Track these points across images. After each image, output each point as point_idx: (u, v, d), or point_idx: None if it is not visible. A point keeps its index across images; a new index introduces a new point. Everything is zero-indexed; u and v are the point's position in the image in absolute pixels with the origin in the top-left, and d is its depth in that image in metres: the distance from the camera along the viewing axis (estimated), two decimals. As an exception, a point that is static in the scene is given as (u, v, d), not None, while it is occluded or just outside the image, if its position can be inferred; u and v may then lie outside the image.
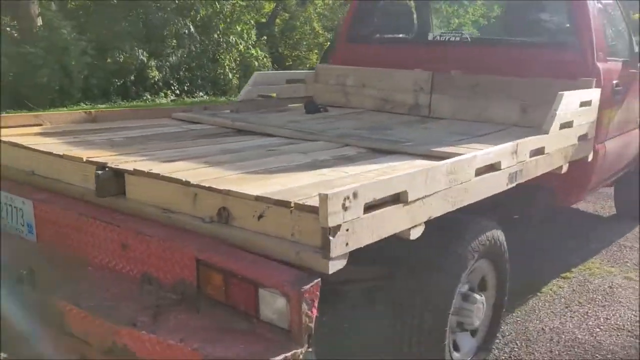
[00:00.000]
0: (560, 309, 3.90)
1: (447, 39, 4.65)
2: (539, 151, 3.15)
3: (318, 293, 1.83)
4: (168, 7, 13.79)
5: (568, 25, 4.12)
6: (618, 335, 3.59)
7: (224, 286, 1.96)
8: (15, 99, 11.40)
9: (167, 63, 14.27)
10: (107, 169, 2.45)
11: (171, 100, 14.31)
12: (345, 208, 1.85)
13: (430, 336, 2.62)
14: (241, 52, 16.16)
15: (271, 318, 1.87)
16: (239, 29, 15.99)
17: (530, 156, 3.05)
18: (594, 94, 3.75)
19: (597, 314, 3.85)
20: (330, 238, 1.82)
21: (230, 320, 1.95)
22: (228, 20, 15.75)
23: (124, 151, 2.78)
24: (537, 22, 4.42)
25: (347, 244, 1.89)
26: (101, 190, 2.43)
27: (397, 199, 2.13)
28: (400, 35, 4.95)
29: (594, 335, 3.59)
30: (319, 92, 5.04)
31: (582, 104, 3.62)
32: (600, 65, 3.98)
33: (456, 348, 2.94)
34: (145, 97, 14.14)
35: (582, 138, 3.70)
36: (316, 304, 1.83)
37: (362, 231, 1.95)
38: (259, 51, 16.44)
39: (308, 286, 1.78)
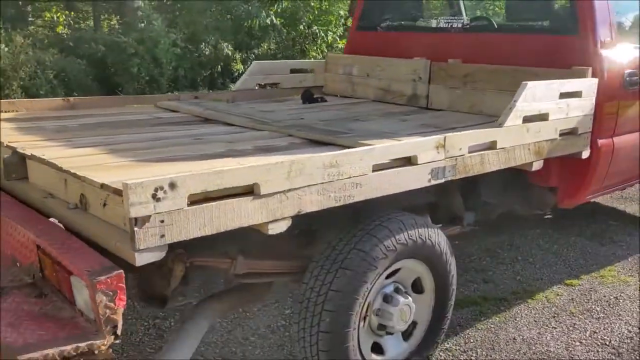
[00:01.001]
0: (546, 318, 3.59)
1: (450, 25, 4.38)
2: (491, 146, 2.90)
3: (122, 284, 1.79)
4: (252, 0, 14.04)
5: (569, 6, 3.74)
6: (598, 352, 3.25)
7: (55, 272, 1.96)
8: (109, 86, 12.13)
9: (252, 55, 14.54)
10: (14, 153, 2.53)
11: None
12: (157, 199, 1.79)
13: (330, 337, 2.50)
14: (329, 44, 16.14)
15: (82, 307, 1.86)
16: (331, 19, 15.98)
17: (475, 151, 2.82)
18: (587, 84, 3.39)
19: (586, 326, 3.51)
20: (136, 229, 1.77)
21: (61, 306, 1.96)
22: (316, 11, 15.79)
23: (57, 137, 2.86)
24: (539, 4, 4.07)
25: (162, 236, 1.83)
26: (7, 173, 2.52)
27: (251, 191, 2.04)
28: (408, 22, 4.73)
29: (570, 349, 3.27)
30: (328, 82, 4.94)
31: (565, 95, 3.29)
32: (604, 52, 3.60)
33: (380, 351, 2.79)
34: (229, 88, 14.53)
35: (570, 133, 3.37)
36: (122, 296, 1.79)
37: (187, 223, 1.88)
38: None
39: (103, 277, 1.75)
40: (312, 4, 15.64)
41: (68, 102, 3.76)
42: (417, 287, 2.91)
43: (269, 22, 14.06)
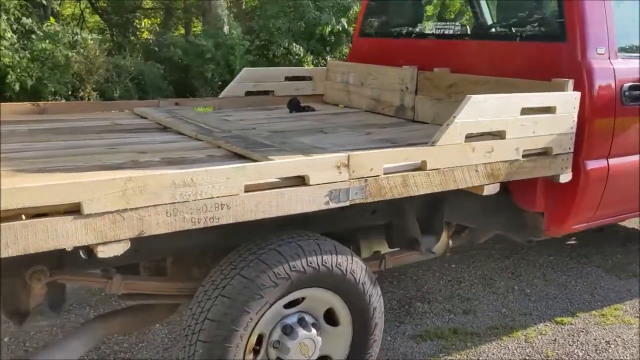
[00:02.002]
0: (509, 360, 3.20)
1: (442, 32, 4.04)
2: (421, 166, 2.60)
3: None
4: (325, 7, 13.97)
5: (557, 9, 3.32)
6: (557, 405, 2.84)
7: None
8: (184, 90, 12.45)
9: (324, 60, 14.45)
10: None
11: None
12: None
13: (205, 370, 2.30)
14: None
15: None
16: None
17: (398, 171, 2.53)
18: (563, 99, 2.99)
19: (552, 374, 3.09)
20: None
21: None
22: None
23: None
24: (529, 6, 3.65)
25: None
26: None
27: (78, 209, 1.89)
28: (407, 28, 4.41)
29: (526, 399, 2.88)
30: (328, 90, 4.72)
31: (531, 111, 2.91)
32: (596, 61, 3.17)
33: (283, 387, 2.55)
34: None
35: (540, 153, 2.98)
36: None
37: (-15, 242, 1.76)
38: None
39: None
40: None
41: (38, 106, 3.76)
42: (332, 319, 2.64)
43: (341, 29, 13.92)
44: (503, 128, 2.81)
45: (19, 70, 10.02)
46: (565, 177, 3.11)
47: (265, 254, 2.37)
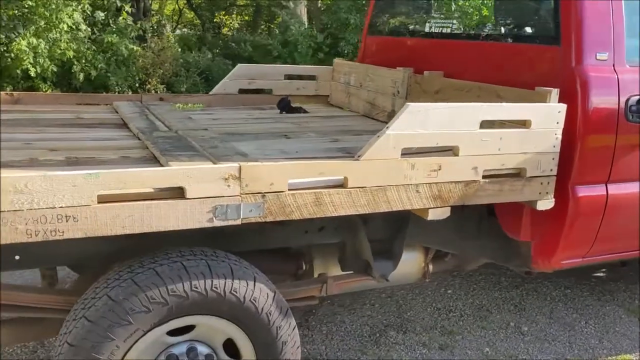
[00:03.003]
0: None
1: (440, 30, 3.61)
2: (343, 183, 2.23)
3: None
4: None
5: (553, 6, 2.82)
6: None
7: None
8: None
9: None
10: None
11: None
12: None
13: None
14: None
15: None
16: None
17: (310, 188, 2.18)
18: (542, 111, 2.52)
19: None
20: None
21: None
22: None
23: None
24: (527, 4, 3.16)
25: None
26: None
27: None
28: (413, 27, 3.99)
29: None
30: (333, 92, 4.38)
31: (494, 124, 2.48)
32: (593, 69, 2.67)
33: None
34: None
35: (510, 175, 2.53)
36: None
37: None
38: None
39: None
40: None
41: (12, 96, 3.66)
42: (232, 351, 2.33)
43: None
44: (455, 143, 2.38)
45: (84, 61, 10.25)
46: (545, 204, 2.63)
47: (140, 273, 2.09)
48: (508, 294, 3.88)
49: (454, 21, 4.00)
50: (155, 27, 12.45)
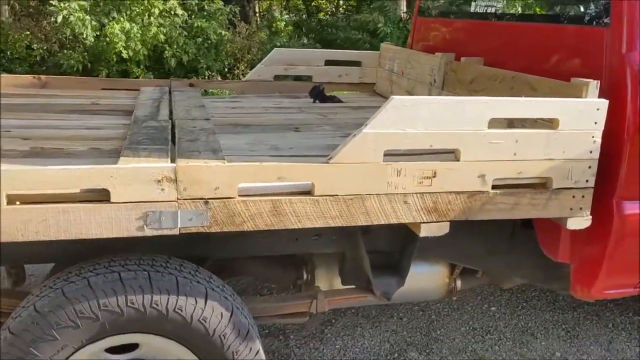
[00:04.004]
0: None
1: (481, 10, 3.13)
2: (310, 189, 1.90)
3: None
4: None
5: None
6: None
7: None
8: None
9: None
10: None
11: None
12: None
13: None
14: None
15: None
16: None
17: (267, 194, 1.87)
18: (575, 108, 2.05)
19: None
20: None
21: None
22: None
23: None
24: None
25: None
26: None
27: None
28: (462, 7, 3.52)
29: None
30: (379, 79, 4.01)
31: (508, 123, 2.04)
32: (648, 58, 2.15)
33: None
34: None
35: (530, 185, 2.09)
36: None
37: None
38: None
39: None
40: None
41: (39, 80, 3.59)
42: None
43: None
44: (455, 145, 1.97)
45: (175, 47, 10.35)
46: (578, 223, 2.16)
47: (72, 283, 1.86)
48: (562, 317, 3.36)
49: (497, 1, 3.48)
50: (250, 13, 12.39)
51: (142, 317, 1.88)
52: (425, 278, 2.74)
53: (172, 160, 1.93)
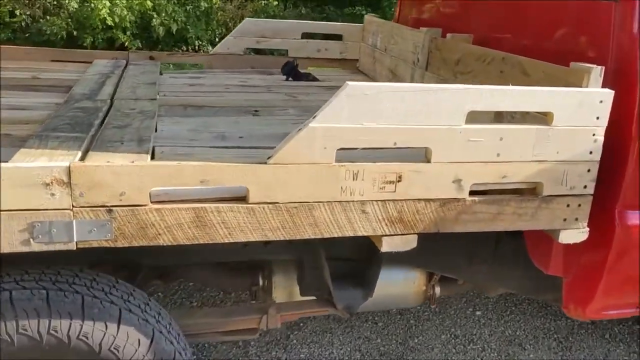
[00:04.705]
0: None
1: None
2: (245, 196, 1.55)
3: None
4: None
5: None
6: None
7: None
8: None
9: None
10: None
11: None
12: None
13: None
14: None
15: None
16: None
17: (186, 201, 1.52)
18: (573, 100, 1.68)
19: None
20: None
21: None
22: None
23: None
24: None
25: None
26: None
27: None
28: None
29: None
30: (362, 55, 3.63)
31: (488, 117, 1.69)
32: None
33: None
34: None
35: (515, 191, 1.74)
36: None
37: None
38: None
39: None
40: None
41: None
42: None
43: None
44: (424, 143, 1.60)
45: (163, 15, 9.92)
46: (572, 236, 1.81)
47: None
48: (553, 324, 3.03)
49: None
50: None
51: (38, 346, 1.55)
52: (399, 284, 2.41)
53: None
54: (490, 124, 1.73)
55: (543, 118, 1.71)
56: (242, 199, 1.55)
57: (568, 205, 1.77)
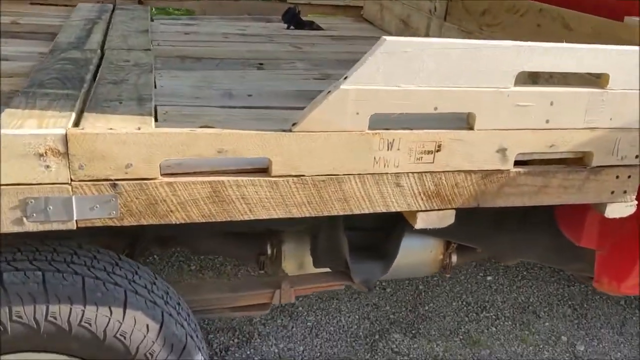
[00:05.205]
0: None
1: None
2: (267, 167, 1.36)
3: None
4: None
5: None
6: None
7: None
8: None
9: None
10: None
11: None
12: None
13: None
14: None
15: None
16: None
17: (202, 175, 1.33)
18: (630, 61, 1.50)
19: None
20: None
21: None
22: None
23: None
24: None
25: None
26: None
27: None
28: None
29: None
30: (367, 1, 3.39)
31: (539, 78, 1.50)
32: None
33: None
34: None
35: (561, 162, 1.57)
36: None
37: None
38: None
39: None
40: None
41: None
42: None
43: None
44: (467, 108, 1.42)
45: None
46: (619, 210, 1.65)
47: None
48: (568, 290, 2.93)
49: None
50: None
51: (35, 334, 1.38)
52: (415, 253, 2.25)
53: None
54: (541, 87, 1.54)
55: (593, 80, 1.53)
56: (264, 171, 1.37)
57: (617, 177, 1.61)
